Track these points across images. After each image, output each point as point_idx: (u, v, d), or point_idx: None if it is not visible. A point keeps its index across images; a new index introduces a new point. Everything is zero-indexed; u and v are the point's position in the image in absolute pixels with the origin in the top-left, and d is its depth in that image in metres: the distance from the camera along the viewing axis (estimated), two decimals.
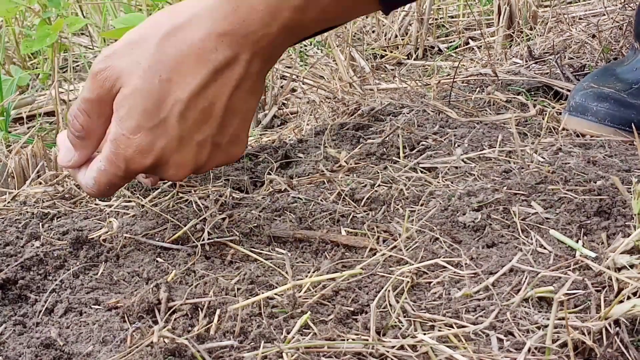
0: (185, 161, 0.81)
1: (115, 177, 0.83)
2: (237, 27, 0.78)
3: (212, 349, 0.70)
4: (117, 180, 0.83)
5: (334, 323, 0.74)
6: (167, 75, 0.78)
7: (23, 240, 0.91)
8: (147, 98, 0.78)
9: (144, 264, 0.85)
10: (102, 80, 0.80)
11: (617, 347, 0.70)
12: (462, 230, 0.92)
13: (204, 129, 0.81)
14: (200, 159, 0.82)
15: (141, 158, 0.80)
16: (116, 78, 0.79)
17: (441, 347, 0.69)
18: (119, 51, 0.80)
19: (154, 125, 0.79)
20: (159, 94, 0.78)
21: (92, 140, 0.84)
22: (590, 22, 1.78)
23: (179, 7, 0.81)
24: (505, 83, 1.47)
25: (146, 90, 0.78)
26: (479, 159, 1.14)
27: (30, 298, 0.81)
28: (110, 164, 0.82)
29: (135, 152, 0.80)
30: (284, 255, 0.87)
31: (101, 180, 0.83)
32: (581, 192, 0.98)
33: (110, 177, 0.83)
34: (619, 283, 0.77)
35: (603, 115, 1.22)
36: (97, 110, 0.82)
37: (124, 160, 0.81)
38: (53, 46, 1.59)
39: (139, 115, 0.79)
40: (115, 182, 0.84)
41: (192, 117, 0.80)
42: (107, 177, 0.83)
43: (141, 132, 0.79)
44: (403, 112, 1.31)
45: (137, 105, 0.79)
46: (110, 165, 0.82)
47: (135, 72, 0.79)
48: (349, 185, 1.05)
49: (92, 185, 0.84)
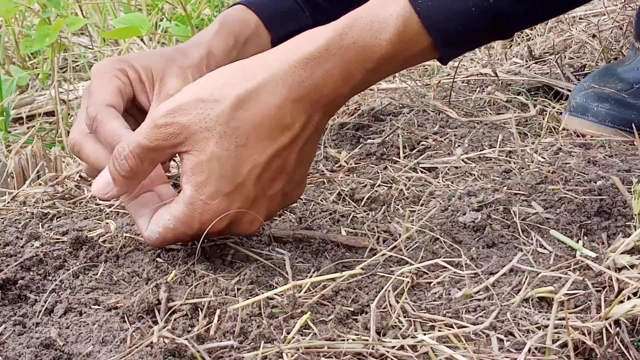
0: (257, 216, 0.82)
1: (183, 235, 0.82)
2: (311, 92, 0.80)
3: (212, 349, 0.70)
4: (185, 237, 0.83)
5: (334, 323, 0.74)
6: (244, 141, 0.79)
7: (23, 240, 0.91)
8: (224, 164, 0.79)
9: (143, 264, 0.85)
10: (166, 135, 0.79)
11: (618, 348, 0.70)
12: (462, 230, 0.92)
13: (276, 185, 0.82)
14: (271, 209, 0.84)
15: (217, 222, 0.80)
16: (185, 138, 0.79)
17: (441, 348, 0.69)
18: (187, 108, 0.79)
19: (231, 190, 0.80)
20: (235, 159, 0.79)
21: (136, 181, 0.83)
22: (591, 22, 1.77)
23: (250, 66, 0.81)
24: (505, 83, 1.47)
25: (224, 157, 0.79)
26: (479, 159, 1.14)
27: (30, 298, 0.80)
28: (182, 225, 0.81)
29: (212, 217, 0.80)
30: (284, 255, 0.87)
31: (167, 236, 0.83)
32: (581, 192, 0.98)
33: (179, 235, 0.82)
34: (619, 283, 0.77)
35: (604, 116, 1.22)
36: (151, 157, 0.81)
37: (198, 223, 0.81)
38: (53, 46, 1.59)
39: (217, 180, 0.79)
40: (183, 239, 0.84)
41: (267, 177, 0.81)
42: (174, 235, 0.82)
43: (219, 197, 0.79)
44: (403, 112, 1.31)
45: (215, 171, 0.79)
46: (181, 225, 0.81)
47: (211, 137, 0.78)
48: (349, 185, 1.05)
49: (155, 238, 0.83)
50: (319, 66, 0.79)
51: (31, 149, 1.15)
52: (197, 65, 1.03)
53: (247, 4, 1.12)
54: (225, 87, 0.80)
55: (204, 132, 0.78)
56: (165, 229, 0.82)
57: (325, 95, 0.80)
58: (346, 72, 0.80)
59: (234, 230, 0.84)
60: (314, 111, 0.81)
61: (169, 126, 0.79)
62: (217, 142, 0.78)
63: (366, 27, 0.79)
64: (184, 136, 0.79)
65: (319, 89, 0.80)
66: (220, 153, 0.79)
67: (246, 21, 1.10)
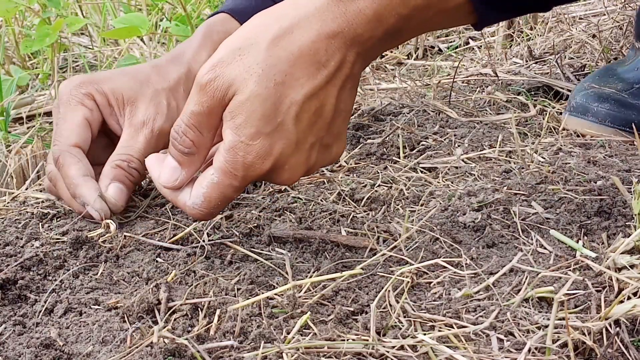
0: (299, 164, 0.81)
1: (229, 188, 0.80)
2: (345, 29, 0.79)
3: (212, 349, 0.70)
4: (231, 191, 0.81)
5: (334, 323, 0.74)
6: (282, 79, 0.78)
7: (23, 240, 0.91)
8: (264, 103, 0.78)
9: (143, 264, 0.85)
10: (212, 91, 0.78)
11: (618, 348, 0.70)
12: (462, 230, 0.92)
13: (316, 131, 0.81)
14: (311, 160, 0.82)
15: (260, 164, 0.79)
16: (228, 86, 0.78)
17: (441, 348, 0.69)
18: (226, 59, 0.78)
19: (272, 129, 0.78)
20: (275, 97, 0.78)
21: (201, 155, 0.82)
22: (591, 22, 1.78)
23: (282, 9, 0.80)
24: (505, 83, 1.47)
25: (263, 95, 0.78)
26: (479, 159, 1.14)
27: (30, 298, 0.81)
28: (226, 175, 0.79)
29: (255, 158, 0.78)
30: (284, 255, 0.87)
31: (212, 196, 0.80)
32: (581, 192, 0.98)
33: (224, 189, 0.80)
34: (619, 283, 0.77)
35: (604, 116, 1.22)
36: (207, 123, 0.80)
37: (242, 167, 0.79)
38: (53, 46, 1.59)
39: (258, 120, 0.78)
40: (228, 195, 0.81)
41: (306, 119, 0.79)
42: (220, 190, 0.80)
43: (260, 137, 0.78)
44: (403, 112, 1.31)
45: (255, 110, 0.78)
46: (225, 175, 0.79)
47: (250, 78, 0.77)
48: (349, 185, 1.05)
49: (200, 203, 0.81)
50: (352, 3, 0.78)
51: (31, 149, 1.15)
52: (172, 87, 1.02)
53: (230, 12, 1.10)
54: (259, 30, 0.79)
55: (244, 74, 0.77)
56: (210, 187, 0.80)
57: (359, 35, 0.79)
58: (380, 13, 0.78)
59: (276, 178, 0.81)
60: (348, 50, 0.79)
61: (213, 81, 0.78)
62: (256, 81, 0.77)
63: None
64: (227, 85, 0.78)
65: (353, 27, 0.79)
66: (260, 91, 0.77)
67: (229, 32, 1.04)
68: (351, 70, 0.81)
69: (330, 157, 0.84)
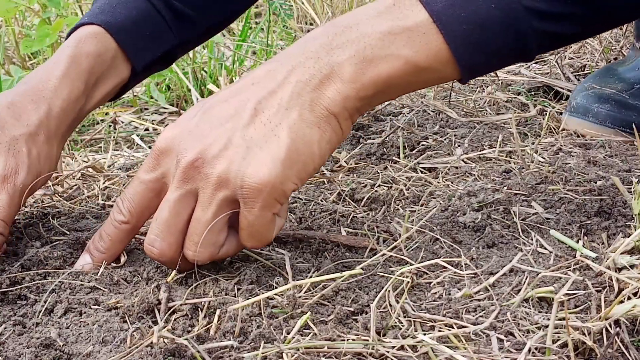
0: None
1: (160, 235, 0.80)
2: None
3: (212, 349, 0.70)
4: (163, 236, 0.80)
5: (334, 323, 0.74)
6: (209, 106, 0.81)
7: (23, 240, 0.91)
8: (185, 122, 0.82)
9: (144, 264, 0.85)
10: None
11: (618, 348, 0.70)
12: (462, 230, 0.92)
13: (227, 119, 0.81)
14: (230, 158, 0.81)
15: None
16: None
17: (441, 348, 0.69)
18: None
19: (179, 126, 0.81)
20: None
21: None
22: None
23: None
24: (505, 83, 1.47)
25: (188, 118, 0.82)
26: (479, 159, 1.14)
27: (30, 298, 0.80)
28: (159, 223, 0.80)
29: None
30: (284, 255, 0.86)
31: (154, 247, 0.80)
32: (581, 192, 0.98)
33: (156, 244, 0.80)
34: (619, 283, 0.77)
35: (604, 117, 1.22)
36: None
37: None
38: (53, 46, 1.59)
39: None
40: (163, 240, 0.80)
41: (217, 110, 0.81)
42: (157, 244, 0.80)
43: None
44: (403, 112, 1.31)
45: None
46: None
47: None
48: (349, 186, 1.05)
49: (158, 245, 0.80)
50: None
51: None
52: (32, 133, 0.90)
53: (105, 27, 0.98)
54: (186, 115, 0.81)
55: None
56: (151, 240, 0.79)
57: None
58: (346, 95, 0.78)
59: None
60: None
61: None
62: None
63: None
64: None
65: None
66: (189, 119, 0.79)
67: (102, 53, 0.97)
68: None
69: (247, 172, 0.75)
